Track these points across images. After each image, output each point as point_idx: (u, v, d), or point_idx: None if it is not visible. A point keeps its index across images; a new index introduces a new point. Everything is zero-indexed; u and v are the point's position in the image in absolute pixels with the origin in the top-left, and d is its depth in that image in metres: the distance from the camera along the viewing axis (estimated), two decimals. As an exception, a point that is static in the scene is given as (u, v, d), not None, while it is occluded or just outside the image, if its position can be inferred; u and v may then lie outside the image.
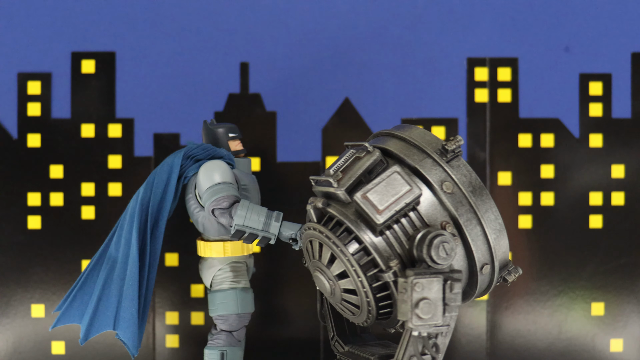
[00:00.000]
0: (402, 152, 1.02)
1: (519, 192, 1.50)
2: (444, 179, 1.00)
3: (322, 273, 1.04)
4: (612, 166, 1.50)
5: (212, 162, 1.24)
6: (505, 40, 1.50)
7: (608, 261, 1.51)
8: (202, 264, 1.29)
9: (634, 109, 1.51)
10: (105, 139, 1.48)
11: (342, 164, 1.02)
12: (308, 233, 1.05)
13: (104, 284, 1.24)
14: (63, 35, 1.48)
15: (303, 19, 1.50)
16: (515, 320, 1.51)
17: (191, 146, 1.28)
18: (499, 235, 1.02)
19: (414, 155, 1.02)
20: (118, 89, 1.49)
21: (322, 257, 1.03)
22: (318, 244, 1.03)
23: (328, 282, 1.03)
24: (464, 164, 1.03)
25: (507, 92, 1.50)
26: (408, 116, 1.50)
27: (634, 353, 1.51)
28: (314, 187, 1.07)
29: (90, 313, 1.23)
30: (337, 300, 1.05)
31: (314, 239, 1.04)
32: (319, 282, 1.05)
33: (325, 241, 1.01)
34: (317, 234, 1.02)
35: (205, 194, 1.22)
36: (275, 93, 1.50)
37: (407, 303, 0.93)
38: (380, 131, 1.11)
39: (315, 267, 1.05)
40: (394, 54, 1.50)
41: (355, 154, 1.03)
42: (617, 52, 1.50)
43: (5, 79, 1.48)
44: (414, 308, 0.93)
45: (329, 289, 1.04)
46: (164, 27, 1.49)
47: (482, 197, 1.01)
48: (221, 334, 1.26)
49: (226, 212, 1.20)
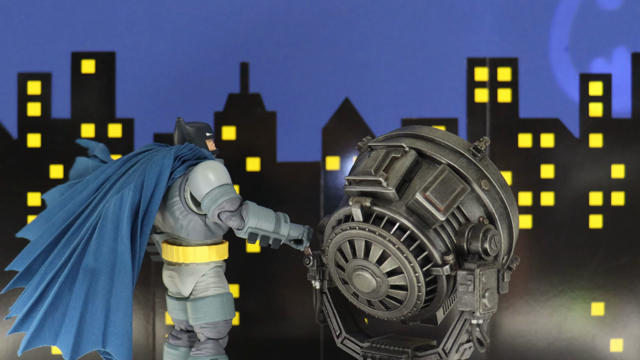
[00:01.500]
0: (437, 152, 1.07)
1: (519, 192, 1.50)
2: (480, 177, 1.06)
3: (367, 271, 1.06)
4: (612, 166, 1.50)
5: (210, 163, 1.16)
6: (505, 40, 1.50)
7: (608, 261, 1.51)
8: (178, 270, 1.21)
9: (634, 109, 1.51)
10: (105, 139, 1.48)
11: (379, 164, 1.05)
12: (348, 233, 1.06)
13: (86, 299, 1.11)
14: (63, 35, 1.48)
15: (303, 19, 1.50)
16: (515, 320, 1.51)
17: (179, 146, 1.19)
18: (518, 229, 1.10)
19: (449, 155, 1.07)
20: (118, 89, 1.49)
21: (369, 256, 1.05)
22: (364, 242, 1.05)
23: (375, 279, 1.05)
24: (491, 163, 1.08)
25: (507, 92, 1.50)
26: (408, 116, 1.50)
27: (634, 353, 1.51)
28: (349, 187, 1.07)
29: (73, 332, 1.10)
30: (379, 297, 1.07)
31: (357, 238, 1.05)
32: (361, 281, 1.07)
33: (376, 239, 1.03)
34: (365, 233, 1.04)
35: (208, 198, 1.14)
36: (275, 93, 1.50)
37: (474, 294, 1.00)
38: (395, 132, 1.12)
39: (357, 267, 1.07)
40: (394, 54, 1.50)
41: (391, 155, 1.06)
42: (617, 52, 1.50)
43: (5, 79, 1.48)
44: (482, 298, 1.00)
45: (375, 286, 1.06)
46: (164, 27, 1.49)
47: (509, 193, 1.08)
48: (208, 342, 1.19)
49: (235, 215, 1.14)
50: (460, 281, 1.01)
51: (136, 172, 1.18)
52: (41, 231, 1.22)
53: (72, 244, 1.15)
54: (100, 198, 1.19)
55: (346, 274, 1.09)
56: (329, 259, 1.12)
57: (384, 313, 1.10)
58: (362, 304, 1.11)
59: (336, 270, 1.11)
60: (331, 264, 1.12)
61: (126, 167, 1.21)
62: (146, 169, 1.17)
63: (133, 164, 1.22)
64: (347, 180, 1.07)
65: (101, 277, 1.12)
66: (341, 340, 1.18)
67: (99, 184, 1.21)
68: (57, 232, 1.18)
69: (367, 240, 1.05)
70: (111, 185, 1.20)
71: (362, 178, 1.05)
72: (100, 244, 1.13)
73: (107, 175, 1.22)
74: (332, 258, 1.10)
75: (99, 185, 1.21)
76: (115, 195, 1.15)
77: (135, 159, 1.22)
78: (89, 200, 1.20)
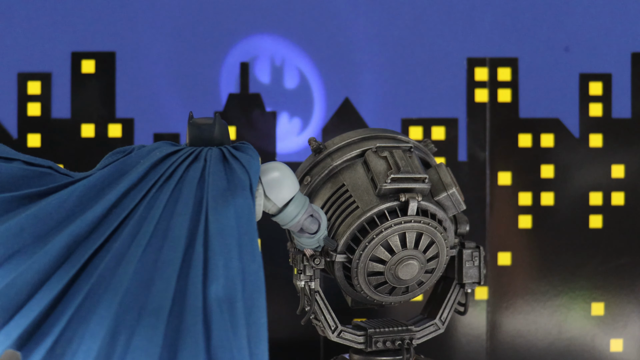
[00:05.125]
0: (422, 152, 1.21)
1: (519, 192, 1.50)
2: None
3: (415, 259, 1.14)
4: (612, 166, 1.50)
5: (278, 164, 1.05)
6: (505, 40, 1.50)
7: (608, 261, 1.51)
8: None
9: (634, 109, 1.51)
10: (105, 139, 1.48)
11: (405, 163, 1.14)
12: (401, 227, 1.13)
13: (226, 335, 0.86)
14: (63, 35, 1.48)
15: (303, 19, 1.50)
16: (515, 320, 1.51)
17: (253, 153, 1.02)
18: None
19: (425, 153, 1.22)
20: (118, 89, 1.49)
21: (419, 245, 1.14)
22: (416, 234, 1.13)
23: (420, 266, 1.15)
24: None
25: (507, 92, 1.50)
26: (408, 116, 1.50)
27: (634, 353, 1.51)
28: (388, 185, 1.12)
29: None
30: (413, 281, 1.16)
31: (409, 230, 1.13)
32: (409, 269, 1.14)
33: (429, 230, 1.13)
34: (419, 225, 1.13)
35: (296, 202, 1.04)
36: (275, 93, 1.50)
37: (477, 268, 1.20)
38: (375, 133, 1.19)
39: (405, 257, 1.14)
40: (394, 54, 1.50)
41: (406, 153, 1.16)
42: (617, 52, 1.50)
43: (5, 79, 1.48)
44: (483, 270, 1.20)
45: (416, 273, 1.15)
46: (164, 27, 1.49)
47: None
48: None
49: (313, 218, 1.07)
50: (466, 258, 1.19)
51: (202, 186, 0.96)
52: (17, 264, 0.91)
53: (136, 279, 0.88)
54: (139, 220, 0.94)
55: (388, 266, 1.14)
56: (363, 255, 1.14)
57: (396, 298, 1.18)
58: (380, 294, 1.17)
59: (368, 265, 1.14)
60: (365, 260, 1.14)
61: (162, 179, 0.98)
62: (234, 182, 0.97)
63: (170, 177, 0.98)
64: (391, 178, 1.13)
65: (237, 304, 0.89)
66: (338, 334, 1.19)
67: (115, 200, 0.95)
68: (73, 269, 0.91)
69: (419, 231, 1.13)
70: (148, 204, 0.95)
71: (403, 176, 1.13)
72: (228, 267, 0.90)
73: (127, 189, 0.96)
74: (370, 254, 1.14)
75: (114, 203, 0.95)
76: (221, 207, 0.94)
77: (162, 168, 0.99)
78: (116, 224, 0.93)
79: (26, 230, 0.92)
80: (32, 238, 0.92)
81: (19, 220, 0.92)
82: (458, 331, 1.50)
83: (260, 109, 1.50)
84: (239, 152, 1.02)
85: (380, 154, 1.15)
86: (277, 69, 1.50)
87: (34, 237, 0.92)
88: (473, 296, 1.27)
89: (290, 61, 1.50)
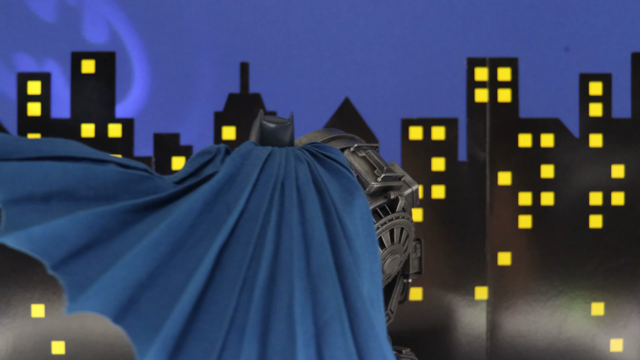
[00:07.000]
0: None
1: (519, 192, 1.50)
2: None
3: (398, 253, 1.18)
4: (612, 166, 1.50)
5: None
6: (505, 40, 1.50)
7: (608, 261, 1.51)
8: None
9: (634, 109, 1.51)
10: (105, 139, 1.48)
11: (382, 162, 1.17)
12: (393, 223, 1.16)
13: (374, 337, 0.85)
14: (65, 36, 1.49)
15: (303, 19, 1.50)
16: (515, 320, 1.51)
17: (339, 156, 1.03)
18: None
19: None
20: (118, 89, 1.49)
21: (401, 240, 1.18)
22: (400, 229, 1.17)
23: (400, 259, 1.19)
24: None
25: (507, 92, 1.50)
26: (408, 116, 1.50)
27: (634, 353, 1.51)
28: (380, 183, 1.16)
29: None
30: (394, 274, 1.21)
31: (397, 226, 1.17)
32: (394, 264, 1.18)
33: (407, 224, 1.18)
34: (404, 221, 1.17)
35: None
36: (275, 93, 1.50)
37: (419, 259, 1.25)
38: (337, 134, 1.21)
39: (393, 251, 1.17)
40: (394, 54, 1.50)
41: (376, 153, 1.18)
42: (617, 52, 1.50)
43: (5, 79, 1.48)
44: (422, 262, 1.25)
45: (397, 266, 1.19)
46: (164, 27, 1.49)
47: None
48: None
49: None
50: (410, 250, 1.22)
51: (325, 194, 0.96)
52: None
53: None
54: (275, 228, 0.91)
55: None
56: None
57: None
58: None
59: None
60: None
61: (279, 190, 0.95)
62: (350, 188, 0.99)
63: (285, 179, 0.97)
64: (384, 176, 1.16)
65: (377, 304, 0.91)
66: None
67: (243, 207, 0.92)
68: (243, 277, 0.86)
69: (402, 226, 1.17)
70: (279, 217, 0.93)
71: (392, 174, 1.17)
72: (373, 269, 0.93)
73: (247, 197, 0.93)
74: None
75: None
76: (349, 209, 0.96)
77: (273, 170, 0.98)
78: (256, 231, 0.90)
79: (162, 244, 0.87)
80: (169, 250, 0.87)
81: (156, 233, 0.87)
82: (458, 331, 1.50)
83: (260, 109, 1.50)
84: (326, 151, 1.04)
85: (358, 153, 1.18)
86: (277, 69, 1.50)
87: (170, 248, 0.88)
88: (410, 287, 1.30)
89: (290, 61, 1.50)
